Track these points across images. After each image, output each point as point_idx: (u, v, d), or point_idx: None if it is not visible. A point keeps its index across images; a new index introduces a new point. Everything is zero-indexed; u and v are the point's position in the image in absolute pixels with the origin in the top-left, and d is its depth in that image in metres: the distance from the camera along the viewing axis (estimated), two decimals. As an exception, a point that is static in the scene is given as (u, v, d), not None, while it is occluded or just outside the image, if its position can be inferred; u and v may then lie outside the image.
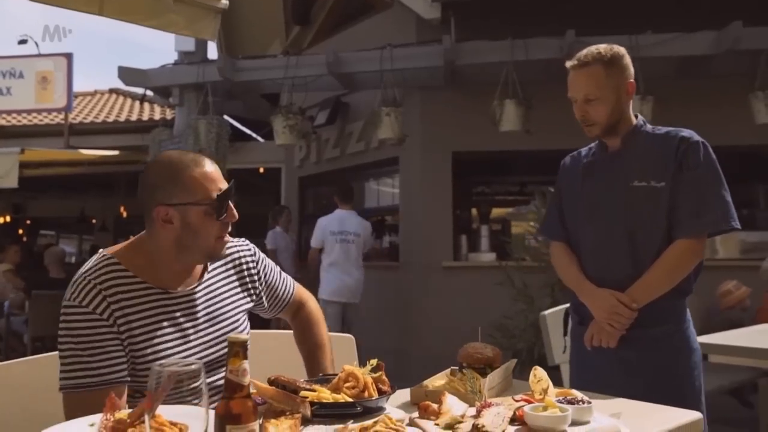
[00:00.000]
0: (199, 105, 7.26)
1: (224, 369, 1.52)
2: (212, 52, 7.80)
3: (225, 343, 1.64)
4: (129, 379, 1.53)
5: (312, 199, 9.59)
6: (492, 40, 6.31)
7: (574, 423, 1.35)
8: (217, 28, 3.61)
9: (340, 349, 2.16)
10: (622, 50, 2.16)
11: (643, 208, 2.08)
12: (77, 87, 12.59)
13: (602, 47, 2.13)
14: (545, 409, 1.35)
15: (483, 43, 6.38)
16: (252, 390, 1.43)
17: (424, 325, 6.71)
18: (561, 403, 1.38)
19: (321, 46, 8.35)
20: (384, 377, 1.58)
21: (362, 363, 1.64)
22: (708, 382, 3.65)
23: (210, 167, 1.62)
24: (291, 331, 2.06)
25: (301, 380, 1.56)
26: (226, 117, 8.08)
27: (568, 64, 2.17)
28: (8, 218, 10.76)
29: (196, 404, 1.05)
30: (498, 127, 6.17)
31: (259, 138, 10.42)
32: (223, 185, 1.62)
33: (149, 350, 1.56)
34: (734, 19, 5.69)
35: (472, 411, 1.42)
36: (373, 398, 1.50)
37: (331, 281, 6.14)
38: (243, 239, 1.89)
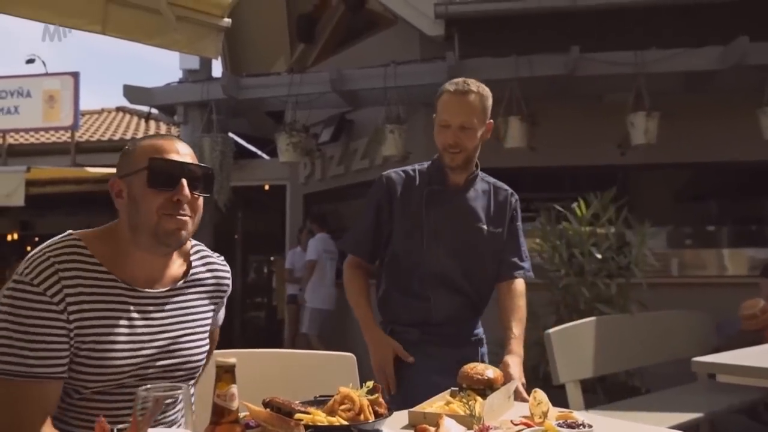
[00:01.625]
0: (203, 123, 7.29)
1: (169, 382, 1.48)
2: (217, 70, 7.86)
3: (177, 356, 1.52)
4: (66, 375, 1.36)
5: (316, 217, 9.58)
6: (496, 56, 6.32)
7: (575, 447, 1.31)
8: (220, 47, 3.62)
9: (341, 369, 2.13)
10: (488, 92, 2.23)
11: (485, 249, 2.25)
12: (86, 105, 12.70)
13: (475, 82, 2.19)
14: (544, 433, 1.31)
15: (487, 59, 6.39)
16: (245, 412, 1.40)
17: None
18: (561, 427, 1.35)
19: (325, 64, 8.40)
20: (381, 399, 1.55)
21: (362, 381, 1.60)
22: (718, 401, 3.61)
23: (165, 139, 1.48)
24: (285, 350, 2.05)
25: (297, 402, 1.53)
26: (230, 135, 8.11)
27: (449, 88, 2.18)
28: (16, 236, 10.81)
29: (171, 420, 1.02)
30: (502, 144, 6.16)
31: (264, 155, 10.46)
32: (175, 157, 1.44)
33: (96, 350, 1.38)
34: (741, 34, 5.68)
35: (470, 435, 1.38)
36: (369, 421, 1.47)
37: (324, 292, 7.40)
38: (221, 257, 1.73)
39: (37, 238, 12.88)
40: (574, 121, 6.74)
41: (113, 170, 1.55)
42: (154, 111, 8.32)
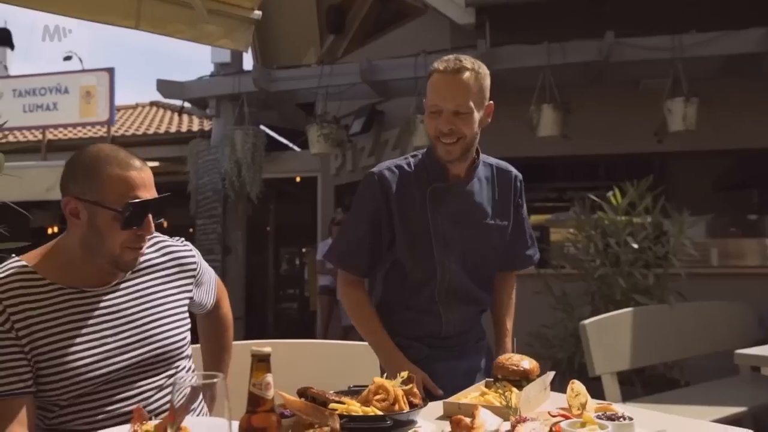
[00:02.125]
0: (235, 116, 7.35)
1: (150, 372, 1.53)
2: (248, 63, 7.90)
3: (148, 344, 1.53)
4: (32, 389, 1.39)
5: (348, 208, 9.60)
6: (528, 44, 6.23)
7: (615, 440, 1.28)
8: (251, 39, 3.63)
9: (370, 360, 2.12)
10: (486, 69, 1.92)
11: (493, 246, 2.01)
12: (121, 100, 12.93)
13: (469, 58, 1.87)
14: (583, 425, 1.28)
15: (519, 47, 6.30)
16: (279, 402, 1.40)
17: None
18: (600, 419, 1.31)
19: (355, 55, 8.38)
20: (415, 390, 1.54)
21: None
22: (761, 395, 3.50)
23: (134, 171, 1.46)
24: (318, 341, 2.04)
25: (331, 392, 1.52)
26: (262, 127, 8.17)
27: (439, 66, 1.85)
28: (56, 229, 11.05)
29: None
30: (535, 133, 6.08)
31: (295, 147, 10.50)
32: (144, 194, 1.46)
33: (59, 356, 1.41)
34: (783, 16, 5.50)
35: (507, 426, 1.36)
36: (404, 411, 1.46)
37: None
38: (181, 239, 1.75)
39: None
40: (609, 108, 6.60)
41: (149, 164, 1.56)
42: (187, 105, 8.42)
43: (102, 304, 1.50)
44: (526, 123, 6.10)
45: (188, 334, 1.66)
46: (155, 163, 9.09)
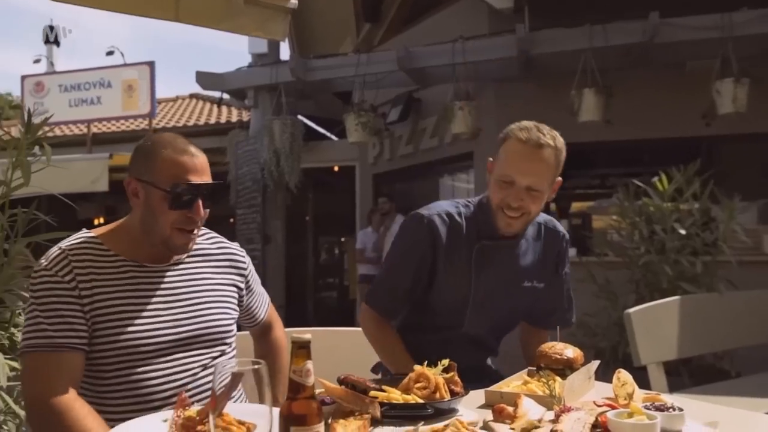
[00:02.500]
0: (273, 106, 7.39)
1: (196, 350, 1.60)
2: (285, 53, 7.93)
3: (197, 323, 1.61)
4: (86, 348, 1.48)
5: (386, 196, 9.58)
6: (568, 26, 6.08)
7: (664, 431, 1.24)
8: (287, 29, 3.62)
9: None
10: (562, 140, 1.83)
11: (525, 306, 1.97)
12: (162, 93, 13.13)
13: (548, 129, 1.79)
14: (631, 415, 1.24)
15: (559, 30, 6.16)
16: (320, 389, 1.40)
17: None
18: (649, 409, 1.27)
19: (392, 43, 8.33)
20: (456, 378, 1.52)
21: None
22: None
23: (187, 156, 1.55)
24: (358, 329, 2.02)
25: (371, 380, 1.51)
26: (299, 117, 8.20)
27: (520, 135, 1.75)
28: (102, 220, 11.34)
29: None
30: (576, 118, 5.94)
31: (333, 137, 10.52)
32: (194, 179, 1.54)
33: (114, 321, 1.51)
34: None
35: (550, 415, 1.33)
36: (445, 400, 1.44)
37: None
38: (236, 244, 1.85)
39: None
40: (654, 91, 6.41)
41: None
42: (226, 96, 8.50)
43: (159, 280, 1.60)
44: (566, 108, 5.97)
45: (234, 324, 1.74)
46: (196, 155, 9.22)
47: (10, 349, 2.31)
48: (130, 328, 1.52)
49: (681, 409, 1.29)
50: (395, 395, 1.43)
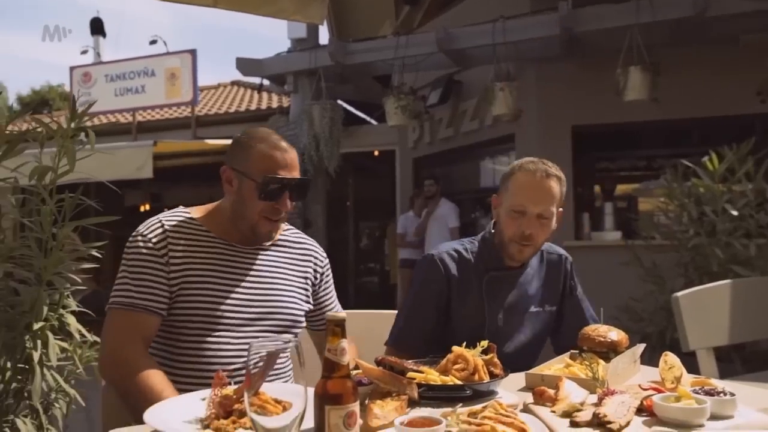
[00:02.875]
0: (312, 91, 7.39)
1: (267, 331, 1.69)
2: (324, 37, 7.91)
3: (270, 304, 1.71)
4: (163, 313, 1.62)
5: (432, 179, 9.52)
6: (614, 2, 5.89)
7: (714, 417, 1.19)
8: (326, 12, 3.61)
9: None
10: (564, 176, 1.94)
11: (534, 333, 1.99)
12: (204, 81, 13.29)
13: (551, 164, 1.91)
14: (678, 399, 1.19)
15: (603, 6, 5.97)
16: (358, 370, 1.39)
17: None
18: (698, 393, 1.22)
19: (431, 25, 8.22)
20: (496, 360, 1.49)
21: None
22: None
23: (279, 152, 1.68)
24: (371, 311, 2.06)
25: (410, 361, 1.50)
26: (339, 101, 8.19)
27: (528, 167, 1.88)
28: (148, 206, 11.59)
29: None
30: (622, 97, 5.77)
31: (373, 121, 10.49)
32: (284, 173, 1.67)
33: (197, 291, 1.63)
34: None
35: (593, 399, 1.29)
36: (484, 381, 1.41)
37: None
38: (318, 246, 1.96)
39: (165, 209, 13.78)
40: (704, 67, 6.17)
41: (230, 141, 1.79)
42: (266, 82, 8.55)
43: (244, 261, 1.73)
44: (611, 88, 5.80)
45: (304, 315, 1.84)
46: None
47: (60, 330, 2.38)
48: (210, 300, 1.64)
49: (733, 394, 1.24)
50: (433, 376, 1.41)
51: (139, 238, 1.66)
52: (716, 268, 4.04)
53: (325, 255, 1.95)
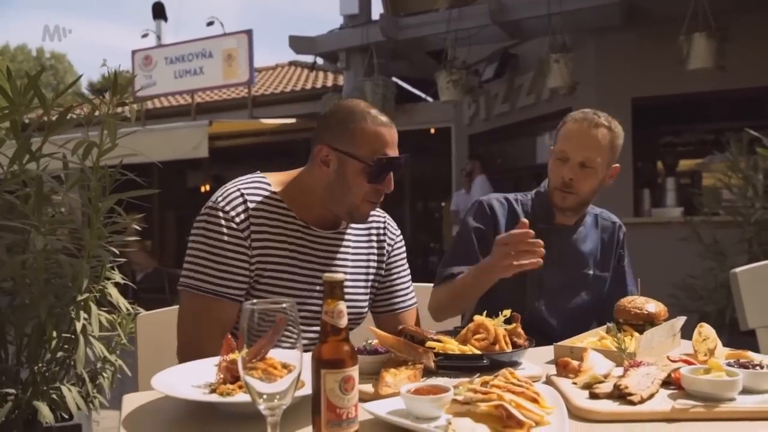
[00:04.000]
0: (364, 67, 7.35)
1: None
2: (376, 12, 7.83)
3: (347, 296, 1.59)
4: (242, 299, 1.49)
5: (479, 157, 9.37)
6: (678, -35, 5.58)
7: (748, 391, 1.10)
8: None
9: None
10: (621, 130, 1.93)
11: (589, 296, 1.98)
12: (263, 62, 13.45)
13: (606, 115, 1.89)
14: (708, 372, 1.11)
15: (666, -29, 5.67)
16: (374, 340, 1.36)
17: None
18: (731, 366, 1.13)
19: (486, -3, 8.02)
20: (520, 330, 1.43)
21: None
22: None
23: (385, 128, 1.53)
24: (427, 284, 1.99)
25: (431, 331, 1.46)
26: (393, 79, 8.12)
27: (575, 116, 1.89)
28: (208, 187, 11.90)
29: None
30: (685, 66, 5.47)
31: (428, 98, 10.37)
32: (392, 152, 1.54)
33: (274, 277, 1.53)
34: None
35: (619, 371, 1.22)
36: (505, 352, 1.36)
37: None
38: (391, 220, 1.82)
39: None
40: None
41: (286, 121, 1.67)
42: (319, 61, 8.56)
43: (321, 245, 1.61)
44: (673, 57, 5.50)
45: (367, 302, 1.73)
46: (292, 120, 9.41)
47: (103, 301, 2.45)
48: (286, 288, 1.54)
49: (770, 368, 1.14)
50: (451, 346, 1.37)
51: (221, 214, 1.50)
52: (783, 244, 3.81)
53: (397, 230, 1.82)
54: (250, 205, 1.52)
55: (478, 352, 1.35)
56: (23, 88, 2.29)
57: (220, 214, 1.50)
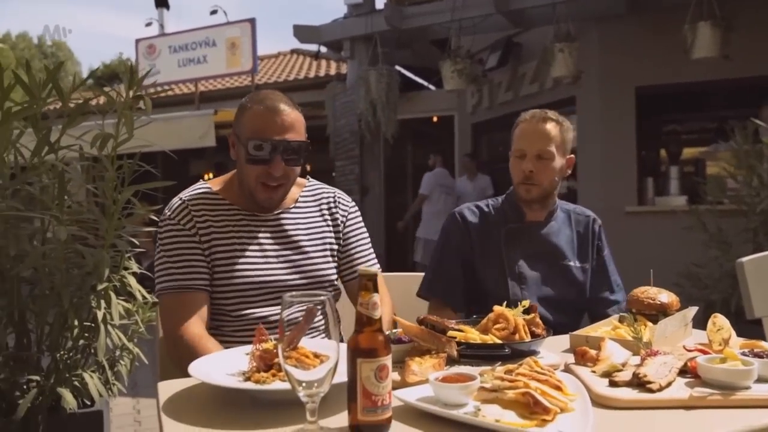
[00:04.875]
0: (369, 56, 7.36)
1: (294, 290, 1.63)
2: (381, 1, 7.83)
3: (303, 269, 1.71)
4: (208, 288, 1.63)
5: (486, 146, 9.39)
6: (682, -46, 5.57)
7: (763, 380, 1.14)
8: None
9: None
10: (569, 124, 2.07)
11: (574, 286, 2.05)
12: (266, 50, 13.41)
13: (554, 112, 2.04)
14: (724, 361, 1.16)
15: (671, -41, 5.66)
16: (398, 329, 1.41)
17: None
18: (746, 356, 1.18)
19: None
20: (538, 320, 1.48)
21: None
22: None
23: (271, 114, 1.61)
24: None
25: (451, 321, 1.50)
26: (397, 67, 8.13)
27: (525, 116, 2.04)
28: (211, 175, 11.94)
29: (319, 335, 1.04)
30: (689, 55, 5.48)
31: (432, 86, 10.37)
32: (274, 136, 1.60)
33: (229, 264, 1.64)
34: None
35: (636, 360, 1.27)
36: (525, 341, 1.40)
37: (437, 224, 7.46)
38: (343, 193, 1.93)
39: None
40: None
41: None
42: (323, 50, 8.55)
43: (268, 227, 1.72)
44: (678, 46, 5.51)
45: (334, 271, 1.81)
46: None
47: (122, 290, 2.50)
48: (243, 271, 1.65)
49: (785, 357, 1.19)
50: (473, 335, 1.42)
51: (168, 222, 1.67)
52: (787, 233, 3.85)
53: (350, 201, 1.91)
54: (192, 207, 1.67)
55: (499, 342, 1.39)
56: (42, 81, 2.32)
57: (167, 221, 1.68)
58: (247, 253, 1.67)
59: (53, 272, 2.30)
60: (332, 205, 1.86)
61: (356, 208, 1.92)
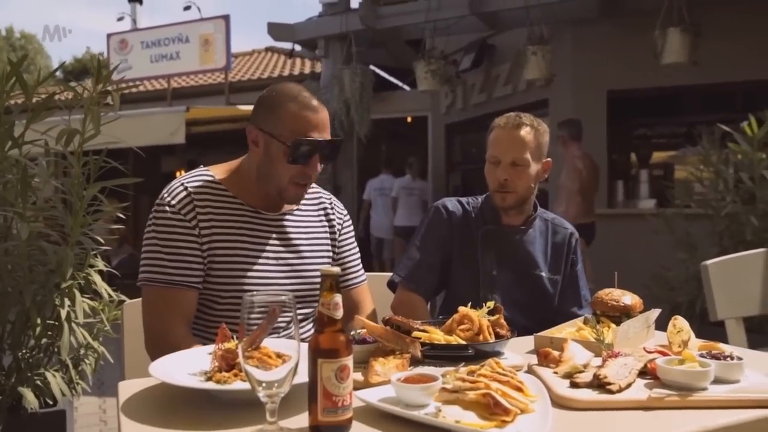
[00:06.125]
0: (343, 55, 7.34)
1: (299, 300, 1.55)
2: (355, 1, 7.81)
3: (302, 277, 1.67)
4: (200, 287, 1.56)
5: (459, 147, 9.44)
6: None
7: (720, 381, 1.16)
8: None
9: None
10: (546, 127, 2.03)
11: (544, 296, 2.04)
12: (240, 48, 13.30)
13: (529, 116, 2.00)
14: (682, 362, 1.17)
15: (643, -35, 5.75)
16: (362, 330, 1.40)
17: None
18: (704, 357, 1.20)
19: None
20: (502, 321, 1.49)
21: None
22: None
23: (310, 112, 1.57)
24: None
25: (417, 321, 1.50)
26: (372, 67, 8.12)
27: (500, 122, 2.00)
28: (183, 172, 11.81)
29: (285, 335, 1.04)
30: (659, 61, 5.57)
31: (406, 87, 10.39)
32: (317, 135, 1.56)
33: (228, 263, 1.58)
34: None
35: (598, 361, 1.28)
36: (488, 342, 1.41)
37: (380, 223, 8.50)
38: (337, 200, 1.90)
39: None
40: (748, 28, 5.89)
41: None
42: (297, 48, 8.51)
43: (271, 228, 1.66)
44: (649, 50, 5.60)
45: None
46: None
47: (87, 289, 2.46)
48: (241, 272, 1.58)
49: (740, 359, 1.21)
50: (437, 336, 1.42)
51: (167, 207, 1.57)
52: (750, 236, 3.92)
53: (344, 208, 1.89)
54: (195, 196, 1.58)
55: (463, 342, 1.40)
56: (5, 74, 2.27)
57: (167, 208, 1.57)
58: (246, 253, 1.60)
59: (15, 270, 2.25)
60: (329, 210, 1.83)
61: (349, 216, 1.90)
